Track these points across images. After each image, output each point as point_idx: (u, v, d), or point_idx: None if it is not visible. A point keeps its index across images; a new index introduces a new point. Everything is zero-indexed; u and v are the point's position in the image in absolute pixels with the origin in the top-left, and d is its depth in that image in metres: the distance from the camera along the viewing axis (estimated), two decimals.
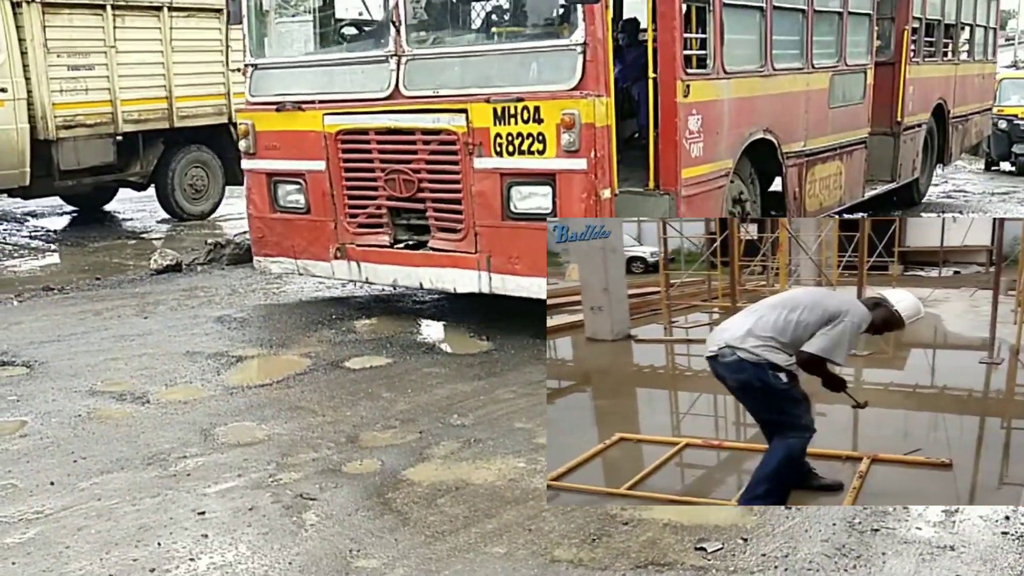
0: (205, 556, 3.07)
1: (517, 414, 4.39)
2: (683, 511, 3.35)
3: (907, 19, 9.46)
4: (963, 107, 11.94)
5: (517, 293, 5.43)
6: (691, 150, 5.70)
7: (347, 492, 3.56)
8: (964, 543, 3.11)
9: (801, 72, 7.27)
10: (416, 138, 5.54)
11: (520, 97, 5.15)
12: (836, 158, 8.08)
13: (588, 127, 5.00)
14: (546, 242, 5.31)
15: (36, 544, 3.17)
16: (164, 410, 4.51)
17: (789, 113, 7.13)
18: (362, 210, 5.92)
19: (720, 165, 6.12)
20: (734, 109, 6.26)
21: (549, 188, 5.17)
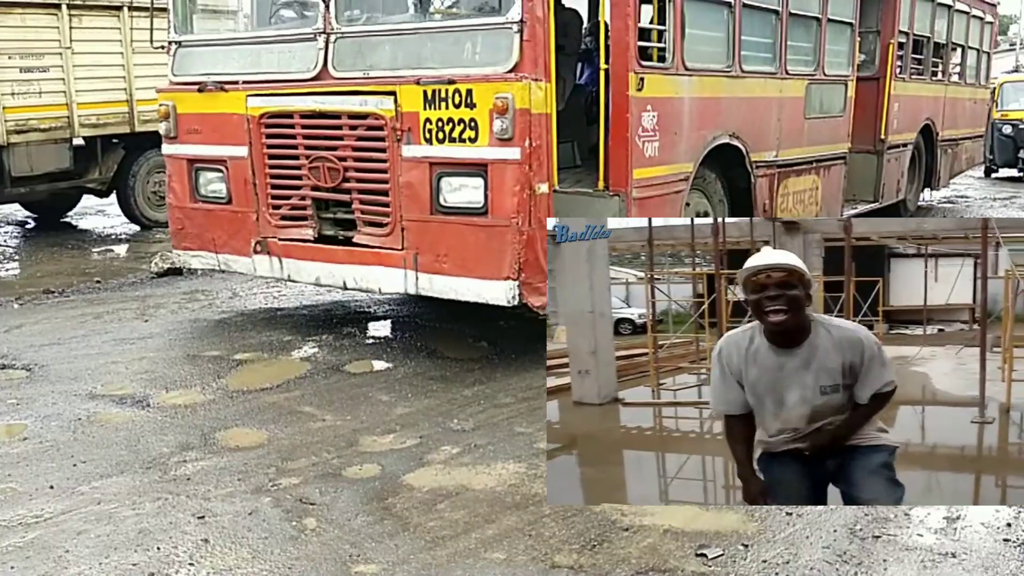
0: (205, 561, 3.07)
1: (517, 419, 4.38)
2: (685, 517, 3.35)
3: (892, 33, 9.15)
4: (953, 130, 11.58)
5: (445, 295, 5.06)
6: (645, 149, 5.37)
7: (347, 497, 3.55)
8: (965, 550, 3.10)
9: (774, 77, 6.96)
10: (342, 123, 5.16)
11: (451, 79, 4.77)
12: (812, 172, 7.77)
13: (523, 113, 4.63)
14: (479, 239, 4.85)
15: (35, 548, 3.16)
16: (164, 414, 4.50)
17: (759, 119, 6.80)
18: (285, 201, 5.53)
19: (678, 168, 5.80)
20: (696, 109, 5.94)
21: (481, 180, 4.79)
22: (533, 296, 4.86)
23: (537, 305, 4.90)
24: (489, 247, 4.81)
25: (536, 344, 5.61)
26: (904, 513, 3.38)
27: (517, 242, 4.74)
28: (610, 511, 3.40)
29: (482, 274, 4.85)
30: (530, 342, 5.65)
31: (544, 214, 4.85)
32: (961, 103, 11.81)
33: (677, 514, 3.38)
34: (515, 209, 4.72)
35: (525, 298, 4.82)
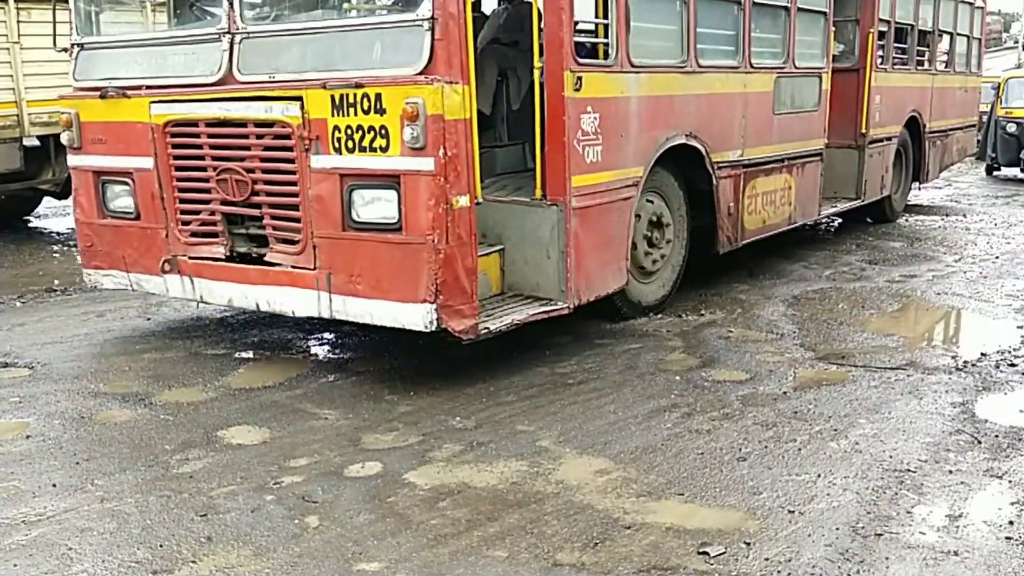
0: (208, 558, 3.07)
1: (519, 416, 4.38)
2: (687, 514, 3.35)
3: (872, 21, 8.74)
4: (942, 121, 11.19)
5: (360, 319, 4.68)
6: (585, 154, 5.05)
7: (349, 495, 3.55)
8: (968, 548, 3.11)
9: (736, 72, 6.58)
10: (249, 131, 4.77)
11: (359, 83, 4.37)
12: (784, 171, 7.40)
13: (436, 119, 4.24)
14: (393, 258, 4.47)
15: (39, 546, 3.17)
16: (167, 412, 4.51)
17: (720, 117, 6.45)
18: (194, 216, 5.12)
19: (625, 173, 5.47)
20: (645, 109, 5.59)
21: (394, 193, 4.39)
22: (454, 320, 4.46)
23: (459, 330, 4.49)
24: (404, 267, 4.43)
25: (539, 343, 5.61)
26: (907, 511, 3.38)
27: (434, 261, 4.35)
28: (612, 509, 3.40)
29: (398, 296, 4.49)
30: (532, 340, 5.64)
31: (466, 230, 4.44)
32: (950, 92, 11.40)
33: (680, 511, 3.38)
34: (430, 225, 4.32)
35: (445, 322, 4.42)
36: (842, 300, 6.82)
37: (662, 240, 6.22)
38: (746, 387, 4.82)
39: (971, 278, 7.58)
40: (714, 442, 4.06)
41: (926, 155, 10.79)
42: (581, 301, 5.22)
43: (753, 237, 7.23)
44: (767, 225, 7.38)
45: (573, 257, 5.10)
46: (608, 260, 5.48)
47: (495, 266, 5.24)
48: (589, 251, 5.24)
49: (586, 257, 5.22)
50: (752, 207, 7.05)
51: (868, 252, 8.89)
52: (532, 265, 5.19)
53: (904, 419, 4.35)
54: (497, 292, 5.22)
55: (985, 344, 5.58)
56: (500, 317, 4.84)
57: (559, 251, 5.08)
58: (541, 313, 5.00)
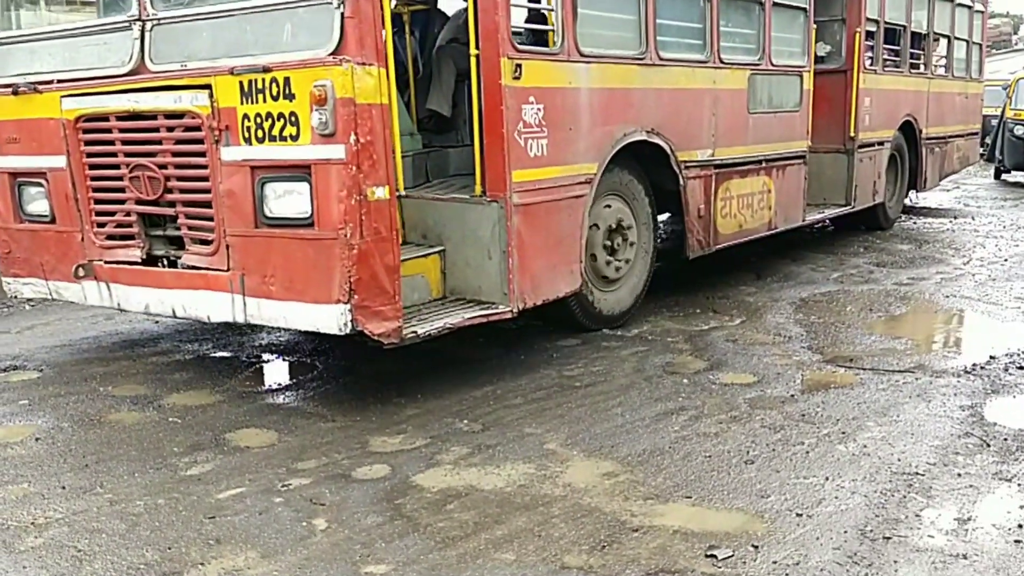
0: (216, 560, 3.08)
1: (527, 419, 4.38)
2: (695, 517, 3.35)
3: (859, 20, 8.45)
4: (940, 128, 10.87)
5: (275, 323, 4.41)
6: (528, 148, 4.78)
7: (357, 497, 3.56)
8: (977, 552, 3.10)
9: (704, 66, 6.28)
10: (159, 124, 4.49)
11: (267, 67, 4.11)
12: (762, 173, 7.09)
13: (346, 103, 3.96)
14: (306, 256, 4.18)
15: (49, 548, 3.18)
16: (175, 415, 4.52)
17: (686, 114, 6.15)
18: (110, 218, 4.83)
19: (576, 170, 5.20)
20: (598, 102, 5.30)
21: (306, 185, 4.13)
22: (373, 322, 4.16)
23: (378, 333, 4.18)
24: (317, 265, 4.16)
25: (547, 346, 5.61)
26: (915, 514, 3.37)
27: (347, 258, 4.05)
28: (620, 512, 3.40)
29: (311, 297, 4.20)
30: (539, 343, 5.65)
31: (385, 224, 4.14)
32: (948, 98, 11.08)
33: (687, 514, 3.38)
34: (342, 218, 4.03)
35: (361, 325, 4.13)
36: (850, 303, 6.81)
37: (624, 245, 5.94)
38: (754, 390, 4.82)
39: (980, 281, 7.56)
40: (722, 445, 4.06)
41: (923, 162, 10.49)
42: (526, 305, 4.95)
43: (728, 242, 6.91)
44: (744, 230, 7.06)
45: (516, 258, 4.82)
46: (558, 262, 5.19)
47: (435, 268, 4.99)
48: (535, 252, 4.97)
49: (532, 258, 4.95)
50: (726, 210, 6.75)
51: (876, 255, 8.88)
52: (474, 267, 4.93)
53: (913, 422, 4.34)
54: (438, 296, 4.98)
55: (994, 347, 5.56)
56: (432, 320, 4.56)
57: (500, 251, 4.81)
58: (479, 317, 4.74)
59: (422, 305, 4.81)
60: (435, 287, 4.99)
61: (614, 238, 5.82)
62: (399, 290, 4.28)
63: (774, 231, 7.49)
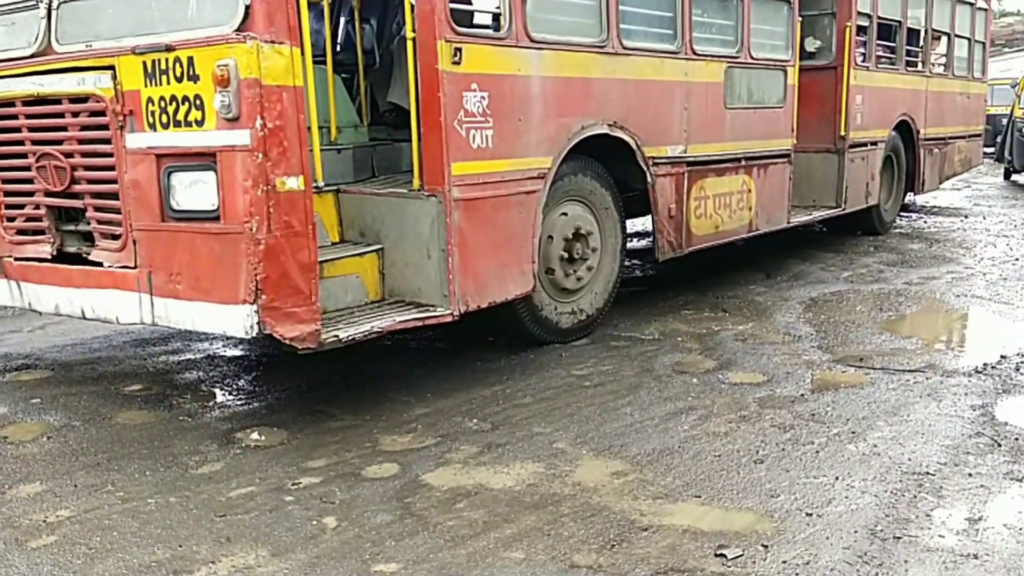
0: (226, 559, 3.09)
1: (536, 418, 4.39)
2: (704, 517, 3.35)
3: (850, 15, 8.15)
4: (939, 128, 10.56)
5: (183, 325, 4.09)
6: (471, 139, 4.49)
7: (367, 496, 3.57)
8: (988, 551, 3.08)
9: (675, 57, 5.96)
10: (64, 108, 4.20)
11: (170, 46, 3.81)
12: (741, 171, 6.79)
13: (251, 84, 3.65)
14: (212, 252, 3.87)
15: (61, 546, 3.20)
16: (185, 413, 4.54)
17: (655, 107, 5.83)
18: (19, 211, 4.56)
19: (527, 163, 4.87)
20: (552, 91, 4.98)
21: (212, 174, 3.82)
22: (284, 325, 3.84)
23: (291, 337, 3.86)
24: (223, 262, 3.86)
25: (556, 345, 5.61)
26: (926, 514, 3.36)
27: (253, 254, 3.75)
28: (629, 511, 3.40)
29: (218, 297, 3.91)
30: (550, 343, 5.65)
31: (299, 217, 3.84)
32: (949, 98, 10.76)
33: (697, 514, 3.38)
34: (247, 210, 3.73)
35: (271, 327, 3.81)
36: (860, 302, 6.79)
37: (586, 251, 5.57)
38: (763, 389, 4.81)
39: (991, 280, 7.53)
40: (731, 444, 4.05)
41: (921, 163, 10.16)
42: (469, 307, 4.64)
43: (703, 244, 6.58)
44: (721, 231, 6.73)
45: (457, 256, 4.52)
46: (507, 261, 4.86)
47: (372, 268, 4.71)
48: (480, 250, 4.66)
49: (476, 257, 4.63)
50: (701, 210, 6.41)
51: (886, 254, 8.85)
52: (413, 266, 4.64)
53: (923, 422, 4.32)
54: (376, 298, 4.70)
55: (1005, 346, 5.53)
56: (359, 323, 4.26)
57: (440, 249, 4.50)
58: (414, 320, 4.43)
59: (356, 307, 4.52)
60: (372, 288, 4.71)
61: (573, 245, 5.48)
62: (316, 290, 3.96)
63: (755, 233, 7.19)
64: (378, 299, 4.72)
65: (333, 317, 4.29)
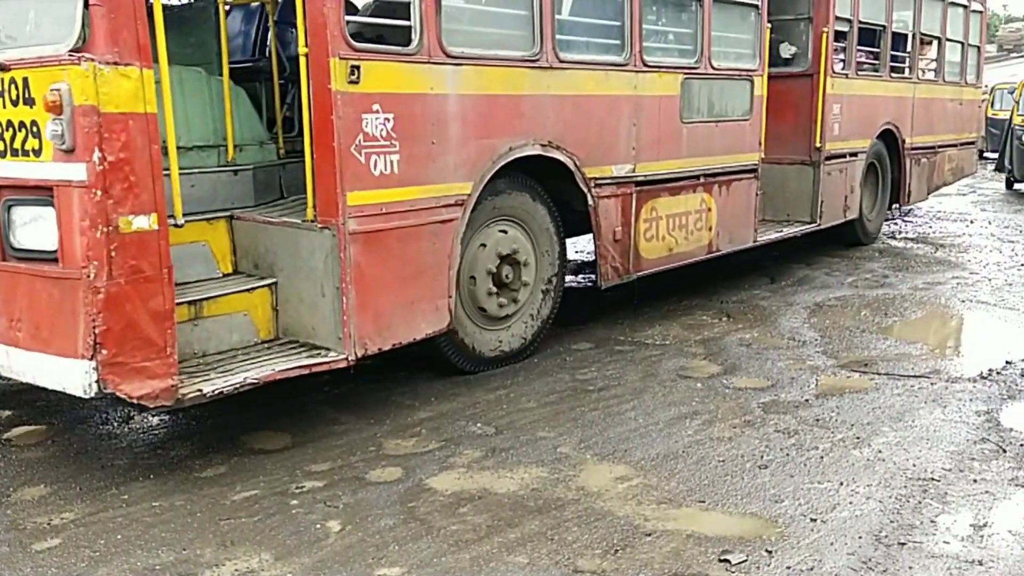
0: (230, 562, 3.10)
1: (540, 423, 4.38)
2: (708, 522, 3.34)
3: (827, 19, 7.67)
4: (928, 137, 9.99)
5: (22, 378, 3.69)
6: (371, 165, 4.08)
7: (371, 500, 3.57)
8: (992, 558, 3.08)
9: (622, 70, 5.50)
10: None
11: (4, 65, 3.43)
12: (700, 189, 6.35)
13: (87, 112, 3.24)
14: (52, 297, 3.46)
15: (62, 550, 3.21)
16: (189, 416, 4.55)
17: (597, 124, 5.39)
18: None
19: (442, 190, 4.45)
20: (474, 110, 4.58)
21: (52, 210, 3.41)
22: (131, 382, 3.45)
23: (139, 396, 3.47)
24: (63, 309, 3.43)
25: (559, 350, 5.61)
26: (930, 520, 3.35)
27: (92, 303, 3.33)
28: (633, 516, 3.40)
29: (57, 349, 3.48)
30: (554, 347, 5.65)
31: (152, 260, 3.44)
32: (939, 104, 10.25)
33: (701, 519, 3.37)
34: (85, 255, 3.32)
35: (114, 385, 3.41)
36: (865, 307, 6.78)
37: (517, 280, 5.18)
38: (768, 394, 4.80)
39: (996, 286, 7.51)
40: (735, 449, 4.04)
41: (907, 174, 9.66)
42: (368, 351, 4.24)
43: (654, 268, 6.15)
44: (675, 253, 6.27)
45: (353, 295, 4.10)
46: (416, 298, 4.44)
47: (264, 304, 4.30)
48: (382, 287, 4.26)
49: (377, 295, 4.23)
50: (652, 232, 5.96)
51: (891, 259, 8.84)
52: (308, 304, 4.24)
53: (928, 427, 4.31)
54: (269, 337, 4.32)
55: (1010, 352, 5.52)
56: (235, 372, 3.84)
57: (334, 287, 4.10)
58: (298, 368, 4.00)
59: (242, 350, 4.15)
60: (264, 327, 4.31)
61: (503, 270, 5.08)
62: (172, 340, 3.56)
63: (716, 254, 6.72)
64: (270, 338, 4.32)
65: (211, 363, 3.93)
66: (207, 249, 4.40)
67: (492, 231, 5.01)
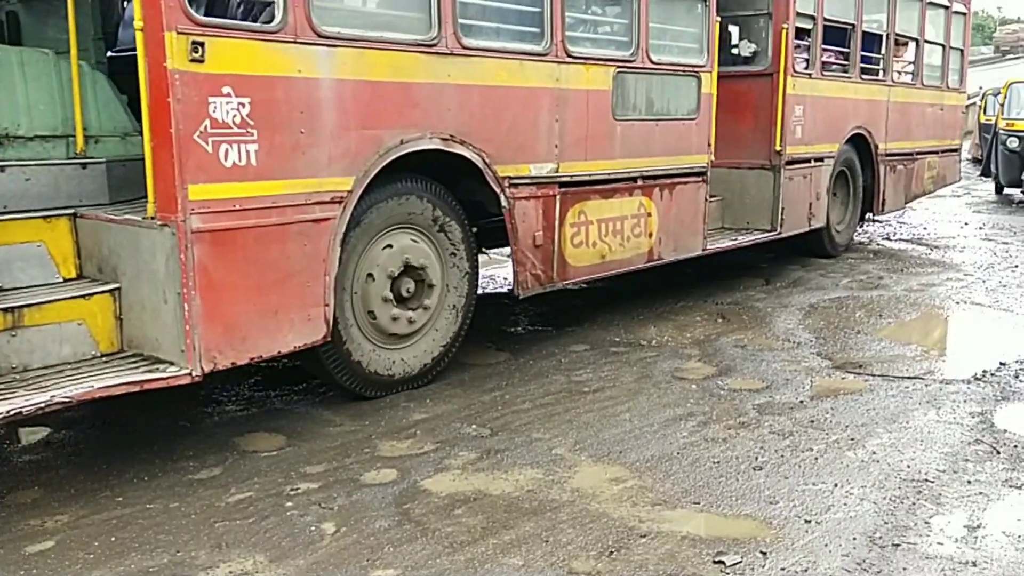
0: (224, 564, 3.09)
1: (535, 424, 4.38)
2: (703, 523, 3.35)
3: (787, 16, 7.28)
4: (905, 143, 9.55)
5: None
6: (221, 155, 3.66)
7: (365, 501, 3.56)
8: (986, 559, 3.08)
9: (541, 60, 5.08)
10: None
11: None
12: (637, 193, 5.93)
13: None
14: None
15: (55, 552, 3.20)
16: (184, 418, 4.54)
17: (511, 119, 4.96)
18: None
19: (315, 185, 4.03)
20: (355, 98, 4.16)
21: None
22: None
23: None
24: None
25: (555, 351, 5.62)
26: (924, 522, 3.36)
27: None
28: (628, 518, 3.40)
29: None
30: (549, 349, 5.65)
31: None
32: (917, 109, 9.79)
33: (695, 520, 3.38)
34: None
35: None
36: (860, 309, 6.79)
37: (420, 291, 4.79)
38: (762, 396, 4.81)
39: (991, 287, 7.53)
40: (730, 451, 4.05)
41: (881, 182, 9.22)
42: (218, 365, 3.78)
43: (584, 276, 5.78)
44: (608, 261, 5.82)
45: (199, 302, 3.65)
46: (281, 306, 3.99)
47: (105, 313, 3.86)
48: (236, 294, 3.81)
49: (229, 302, 3.79)
50: (580, 238, 5.53)
51: (886, 260, 8.86)
52: (151, 312, 3.79)
53: (922, 429, 4.32)
54: (111, 350, 3.88)
55: (1004, 353, 5.53)
56: (43, 391, 3.43)
57: (176, 293, 3.65)
58: (127, 385, 3.53)
59: (73, 364, 3.73)
60: (104, 338, 3.87)
61: (402, 280, 4.67)
62: None
63: (657, 263, 6.28)
64: (113, 351, 3.88)
65: (27, 379, 3.54)
66: (43, 251, 3.97)
67: (387, 237, 4.57)
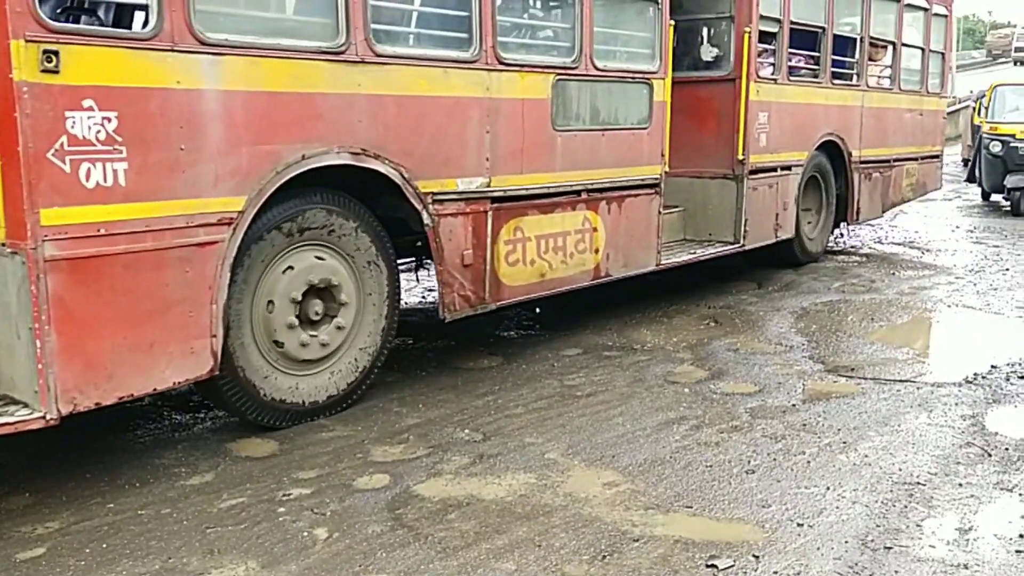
0: (215, 571, 3.08)
1: (528, 429, 4.38)
2: (696, 527, 3.35)
3: (749, 18, 6.98)
4: (881, 150, 9.21)
5: None
6: (82, 174, 3.32)
7: (358, 507, 3.56)
8: (978, 562, 3.09)
9: (469, 67, 4.76)
10: None
11: None
12: (581, 207, 5.59)
13: None
14: None
15: (47, 559, 3.18)
16: (175, 424, 4.53)
17: (434, 130, 4.64)
18: None
19: (198, 206, 3.69)
20: (244, 111, 3.83)
21: None
22: None
23: None
24: None
25: (547, 355, 5.62)
26: (916, 525, 3.37)
27: None
28: (621, 522, 3.40)
29: None
30: (542, 353, 5.65)
31: None
32: (894, 115, 9.43)
33: (688, 524, 3.38)
34: None
35: None
36: (852, 312, 6.81)
37: (331, 309, 4.48)
38: (755, 399, 4.82)
39: (982, 290, 7.56)
40: (723, 455, 4.05)
41: (855, 190, 8.90)
42: (78, 406, 3.47)
43: (522, 296, 5.37)
44: (549, 279, 5.46)
45: (54, 337, 3.31)
46: (157, 340, 3.66)
47: None
48: (101, 328, 3.47)
49: (92, 338, 3.45)
50: (516, 255, 5.19)
51: (877, 264, 8.89)
52: (5, 348, 3.45)
53: (914, 432, 4.33)
54: None
55: (995, 356, 5.55)
56: None
57: (28, 328, 3.31)
58: None
59: None
60: None
61: (310, 303, 4.35)
62: None
63: (606, 279, 5.93)
64: None
65: None
66: None
67: (288, 258, 4.24)
